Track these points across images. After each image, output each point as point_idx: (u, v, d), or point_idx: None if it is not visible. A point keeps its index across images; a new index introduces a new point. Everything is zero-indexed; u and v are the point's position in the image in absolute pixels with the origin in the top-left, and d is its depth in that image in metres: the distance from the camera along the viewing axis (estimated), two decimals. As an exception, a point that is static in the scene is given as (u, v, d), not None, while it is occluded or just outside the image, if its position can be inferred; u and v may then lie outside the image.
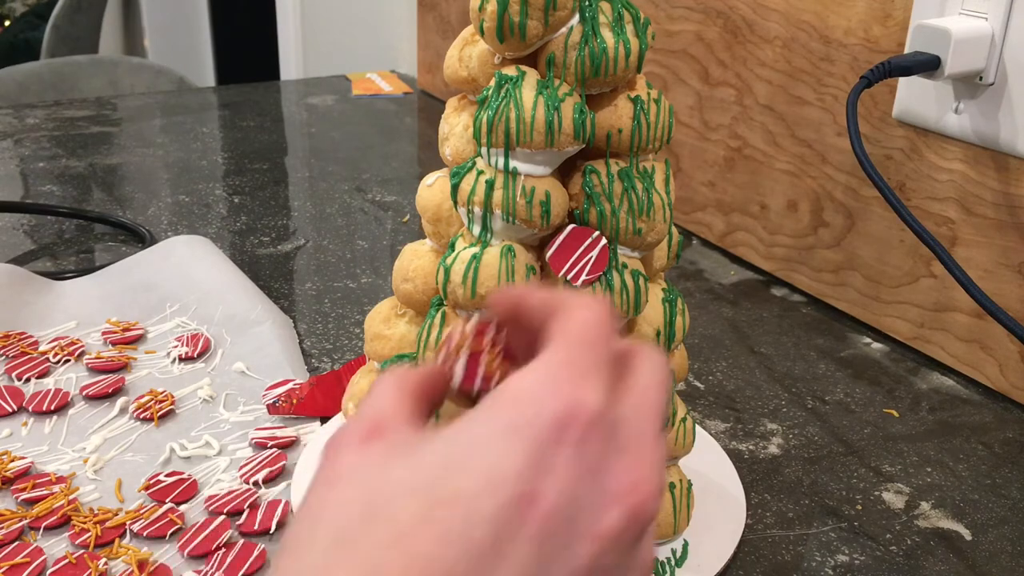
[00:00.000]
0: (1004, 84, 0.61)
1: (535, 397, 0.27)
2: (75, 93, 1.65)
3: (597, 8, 0.42)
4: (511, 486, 0.26)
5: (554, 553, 0.26)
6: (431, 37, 1.31)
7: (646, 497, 0.28)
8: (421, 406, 0.31)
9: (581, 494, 0.27)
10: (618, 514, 0.28)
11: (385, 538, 0.25)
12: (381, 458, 0.28)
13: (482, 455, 0.26)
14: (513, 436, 0.27)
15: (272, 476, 0.53)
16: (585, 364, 0.29)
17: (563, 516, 0.27)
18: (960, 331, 0.67)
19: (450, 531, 0.25)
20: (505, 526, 0.26)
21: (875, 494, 0.56)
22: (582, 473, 0.27)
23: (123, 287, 0.72)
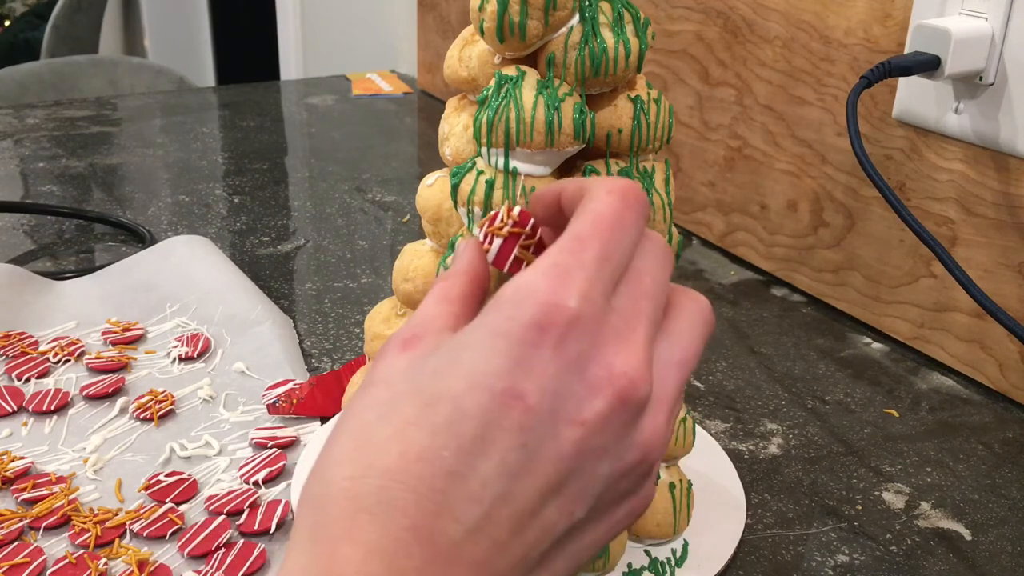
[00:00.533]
0: (1004, 84, 0.61)
1: (515, 301, 0.29)
2: (75, 93, 1.65)
3: (597, 8, 0.42)
4: (493, 384, 0.28)
5: (539, 441, 0.28)
6: (431, 37, 1.31)
7: (630, 381, 0.30)
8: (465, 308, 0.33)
9: (563, 387, 0.29)
10: (602, 400, 0.29)
11: (389, 432, 0.29)
12: (404, 366, 0.30)
13: (468, 358, 0.29)
14: (495, 339, 0.29)
15: (272, 476, 0.53)
16: (574, 263, 0.30)
17: (546, 408, 0.29)
18: (960, 331, 0.67)
19: (438, 425, 0.28)
20: (489, 418, 0.28)
21: (875, 494, 0.56)
22: (562, 369, 0.29)
23: (123, 287, 0.72)
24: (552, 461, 0.29)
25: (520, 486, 0.28)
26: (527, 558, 0.29)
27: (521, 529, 0.29)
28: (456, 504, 0.28)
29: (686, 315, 0.34)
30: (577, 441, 0.29)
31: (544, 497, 0.29)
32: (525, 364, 0.28)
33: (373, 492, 0.28)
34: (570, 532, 0.30)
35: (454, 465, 0.28)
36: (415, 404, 0.29)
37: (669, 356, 0.32)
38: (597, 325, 0.30)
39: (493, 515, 0.28)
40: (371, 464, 0.28)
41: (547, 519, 0.29)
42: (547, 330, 0.29)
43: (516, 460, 0.28)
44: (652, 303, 0.32)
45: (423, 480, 0.28)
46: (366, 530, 0.27)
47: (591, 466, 0.29)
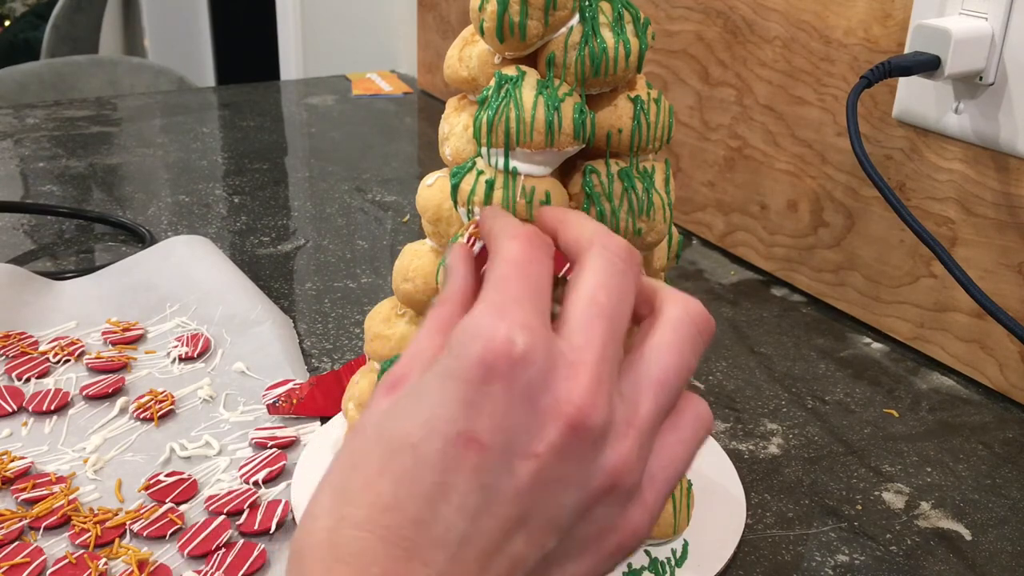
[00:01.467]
0: (1004, 84, 0.61)
1: (461, 342, 0.30)
2: (75, 93, 1.65)
3: (597, 8, 0.42)
4: (447, 429, 0.29)
5: (495, 480, 0.29)
6: (431, 37, 1.31)
7: (578, 409, 0.29)
8: None
9: (514, 423, 0.29)
10: (553, 431, 0.29)
11: (360, 483, 0.30)
12: (383, 412, 0.31)
13: (424, 405, 0.30)
14: (446, 383, 0.29)
15: (272, 476, 0.53)
16: (507, 299, 0.30)
17: (499, 446, 0.29)
18: (960, 331, 0.67)
19: (401, 475, 0.29)
20: (446, 464, 0.29)
21: (875, 494, 0.56)
22: (512, 405, 0.29)
23: (123, 287, 0.72)
24: (510, 498, 0.29)
25: (482, 526, 0.29)
26: None
27: (488, 565, 0.29)
28: (423, 550, 0.28)
29: (666, 325, 0.33)
30: (533, 474, 0.29)
31: (507, 532, 0.29)
32: (475, 405, 0.29)
33: (347, 543, 0.29)
34: (545, 564, 0.30)
35: (418, 513, 0.29)
36: (380, 454, 0.30)
37: (642, 374, 0.32)
38: (544, 354, 0.29)
39: (459, 555, 0.29)
40: (344, 516, 0.29)
41: (515, 553, 0.29)
42: (493, 368, 0.29)
43: (475, 501, 0.29)
44: (607, 320, 0.31)
45: (391, 529, 0.28)
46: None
47: (553, 497, 0.30)
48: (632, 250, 0.33)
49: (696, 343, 0.33)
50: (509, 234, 0.33)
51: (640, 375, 0.32)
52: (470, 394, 0.29)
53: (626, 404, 0.31)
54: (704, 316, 0.33)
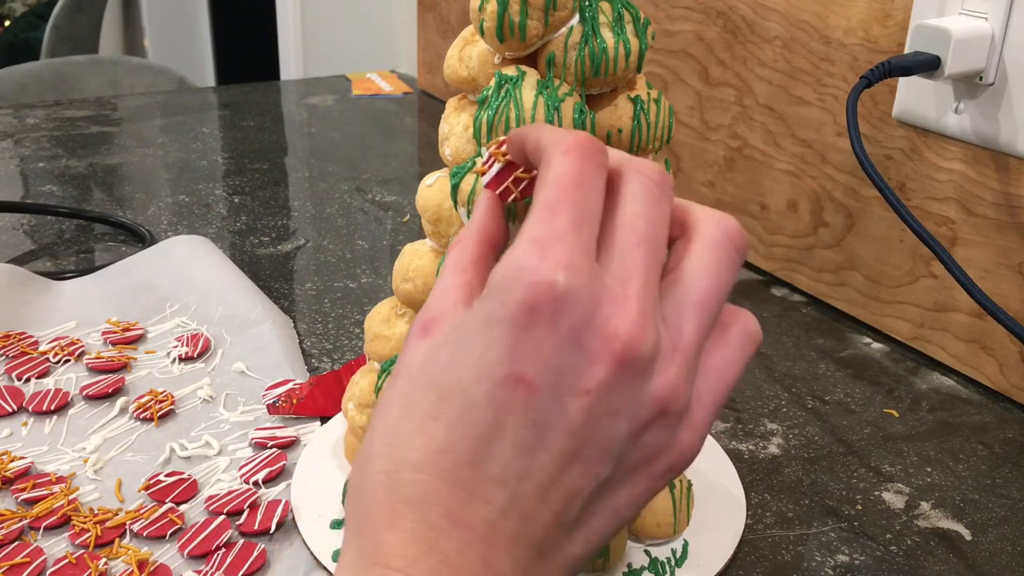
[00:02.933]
0: (1004, 84, 0.61)
1: (503, 286, 0.30)
2: (75, 93, 1.65)
3: (597, 8, 0.42)
4: (495, 372, 0.29)
5: (547, 416, 0.29)
6: (431, 37, 1.31)
7: (625, 344, 0.30)
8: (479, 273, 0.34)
9: (562, 362, 0.29)
10: (602, 367, 0.29)
11: (412, 427, 0.30)
12: (422, 356, 0.31)
13: (470, 349, 0.30)
14: (491, 326, 0.30)
15: (272, 476, 0.53)
16: (551, 234, 0.30)
17: (549, 385, 0.29)
18: (960, 331, 0.67)
19: (453, 418, 0.30)
20: (497, 405, 0.29)
21: (875, 494, 0.56)
22: (559, 345, 0.29)
23: (123, 287, 0.72)
24: (563, 433, 0.29)
25: (537, 461, 0.29)
26: (560, 523, 0.30)
27: (546, 498, 0.30)
28: (483, 488, 0.29)
29: (703, 246, 0.32)
30: (584, 410, 0.29)
31: (563, 466, 0.30)
32: (522, 347, 0.29)
33: (407, 484, 0.29)
34: (600, 492, 0.31)
35: (473, 453, 0.29)
36: (431, 398, 0.30)
37: (683, 297, 0.32)
38: (587, 292, 0.29)
39: (518, 491, 0.29)
40: (401, 458, 0.30)
41: (571, 484, 0.30)
42: (537, 310, 0.29)
43: (528, 438, 0.29)
44: (648, 247, 0.31)
45: (448, 471, 0.29)
46: (405, 519, 0.29)
47: (606, 429, 0.30)
48: (665, 174, 0.33)
49: (733, 260, 0.33)
50: (561, 147, 0.32)
51: (680, 298, 0.32)
52: (516, 337, 0.29)
53: (669, 329, 0.31)
54: (738, 232, 0.33)
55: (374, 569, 0.28)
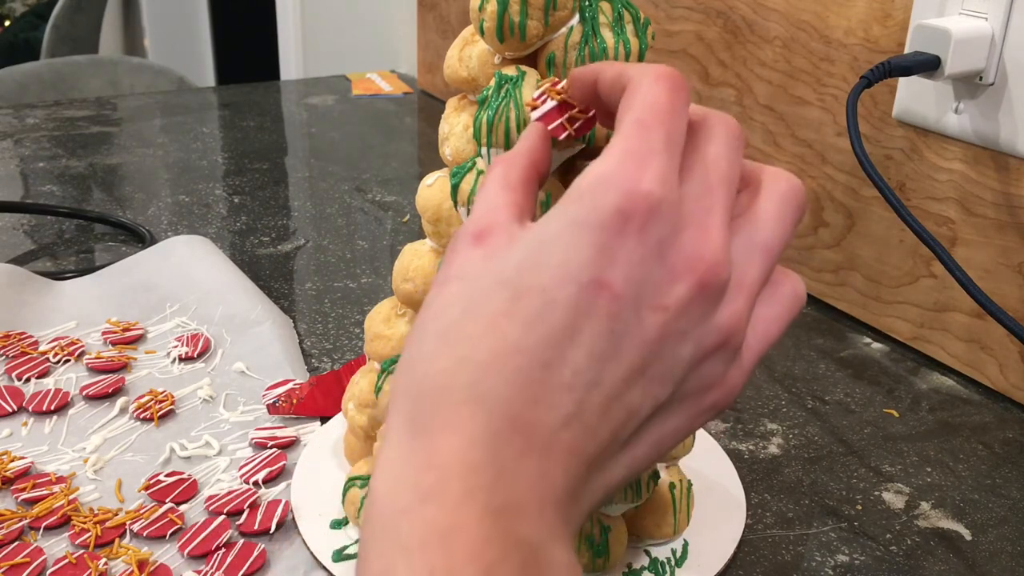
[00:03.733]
0: (1004, 84, 0.61)
1: (597, 191, 0.29)
2: (75, 93, 1.65)
3: (597, 8, 0.42)
4: (580, 276, 0.29)
5: (625, 326, 0.29)
6: (431, 37, 1.31)
7: (709, 266, 0.30)
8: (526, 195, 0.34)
9: (646, 274, 0.29)
10: (684, 285, 0.30)
11: (479, 328, 0.29)
12: (481, 261, 0.31)
13: (554, 251, 0.29)
14: (579, 230, 0.29)
15: (272, 476, 0.53)
16: (646, 148, 0.30)
17: (631, 295, 0.29)
18: (960, 331, 0.67)
19: (530, 317, 0.29)
20: (578, 309, 0.29)
21: (875, 494, 0.56)
22: (646, 256, 0.29)
23: (123, 287, 0.72)
24: (637, 346, 0.29)
25: (608, 371, 0.29)
26: (614, 441, 0.30)
27: (608, 412, 0.29)
28: (552, 393, 0.29)
29: (770, 197, 0.33)
30: (660, 326, 0.30)
31: (629, 381, 0.30)
32: (609, 253, 0.29)
33: (469, 385, 0.28)
34: (653, 416, 0.31)
35: (547, 355, 0.29)
36: (503, 297, 0.29)
37: (750, 241, 0.32)
38: (676, 211, 0.30)
39: (584, 400, 0.29)
40: (465, 357, 0.29)
41: (633, 401, 0.30)
42: (631, 218, 0.29)
43: (604, 347, 0.29)
44: (726, 187, 0.32)
45: (519, 371, 0.28)
46: (466, 422, 0.28)
47: (673, 350, 0.30)
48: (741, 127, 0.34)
49: (796, 215, 0.34)
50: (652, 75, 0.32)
51: (748, 241, 0.32)
52: (605, 242, 0.29)
53: (736, 268, 0.32)
54: (803, 191, 0.34)
55: (429, 473, 0.28)
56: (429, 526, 0.27)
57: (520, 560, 0.27)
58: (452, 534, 0.26)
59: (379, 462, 0.29)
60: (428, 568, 0.26)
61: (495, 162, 0.35)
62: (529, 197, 0.34)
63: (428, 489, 0.27)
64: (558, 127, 0.36)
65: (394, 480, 0.28)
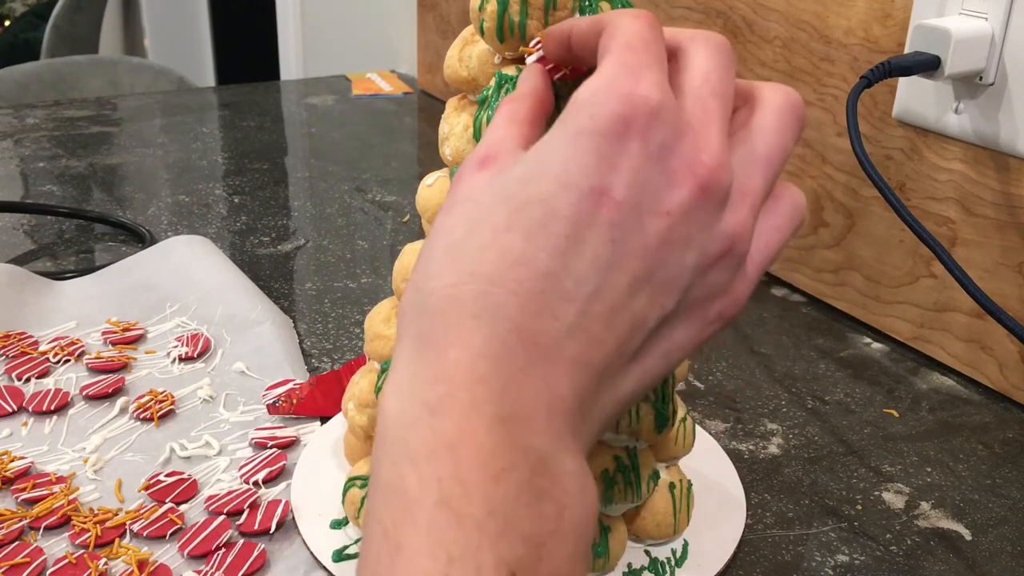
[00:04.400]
0: (1004, 84, 0.61)
1: (595, 100, 0.30)
2: (75, 93, 1.65)
3: (597, 8, 0.42)
4: (581, 183, 0.29)
5: (626, 234, 0.29)
6: (431, 37, 1.31)
7: (709, 170, 0.30)
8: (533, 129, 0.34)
9: (647, 180, 0.29)
10: (685, 190, 0.30)
11: (483, 241, 0.30)
12: (486, 182, 0.31)
13: (555, 161, 0.30)
14: (580, 139, 0.29)
15: (272, 476, 0.53)
16: (639, 62, 0.31)
17: (632, 201, 0.29)
18: (960, 331, 0.67)
19: (532, 228, 0.29)
20: (580, 218, 0.29)
21: (875, 494, 0.56)
22: (646, 162, 0.29)
23: (123, 287, 0.72)
24: (639, 253, 0.29)
25: (611, 280, 0.29)
26: (621, 352, 0.30)
27: (613, 322, 0.29)
28: (554, 303, 0.29)
29: (769, 109, 0.34)
30: (662, 232, 0.30)
31: (633, 289, 0.30)
32: (610, 159, 0.29)
33: (475, 298, 0.29)
34: (660, 326, 0.31)
35: (550, 265, 0.29)
36: (506, 211, 0.30)
37: (751, 152, 0.33)
38: (676, 115, 0.30)
39: (588, 311, 0.29)
40: (470, 272, 0.29)
41: (638, 311, 0.30)
42: (632, 122, 0.29)
43: (606, 255, 0.29)
44: (720, 99, 0.32)
45: (522, 283, 0.29)
46: (472, 335, 0.28)
47: (677, 257, 0.30)
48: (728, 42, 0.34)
49: (796, 128, 0.34)
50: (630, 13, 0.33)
51: (748, 153, 0.33)
52: (606, 148, 0.29)
53: (737, 178, 0.32)
54: (801, 103, 0.34)
55: (437, 386, 0.28)
56: (438, 437, 0.27)
57: (529, 468, 0.27)
58: (460, 443, 0.27)
59: (389, 378, 0.30)
60: (436, 477, 0.26)
61: (502, 102, 0.35)
62: (536, 131, 0.34)
63: (436, 402, 0.27)
64: (553, 68, 0.37)
65: (403, 395, 0.28)
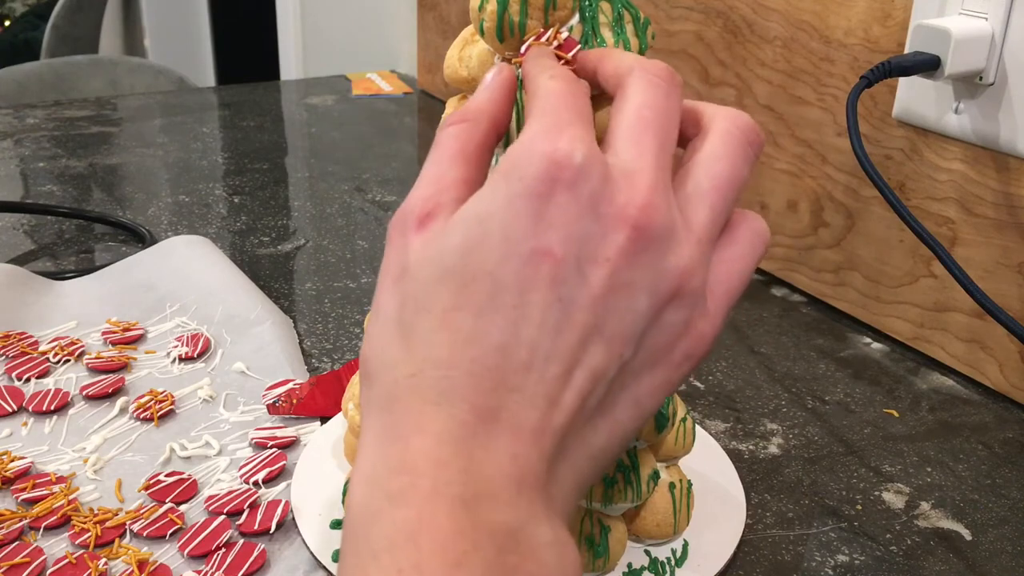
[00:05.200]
0: (1004, 84, 0.61)
1: (521, 163, 0.30)
2: (75, 93, 1.65)
3: (597, 8, 0.42)
4: (521, 248, 0.29)
5: (571, 289, 0.29)
6: (431, 37, 1.31)
7: (640, 209, 0.30)
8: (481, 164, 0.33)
9: (583, 231, 0.29)
10: (621, 235, 0.30)
11: (432, 324, 0.30)
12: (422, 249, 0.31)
13: (493, 228, 0.29)
14: (513, 202, 0.29)
15: (272, 476, 0.53)
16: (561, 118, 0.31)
17: (571, 256, 0.29)
18: (960, 331, 0.67)
19: (481, 303, 0.29)
20: (524, 284, 0.29)
21: (875, 494, 0.56)
22: (579, 214, 0.29)
23: (123, 287, 0.72)
24: (586, 306, 0.29)
25: (563, 339, 0.29)
26: (585, 408, 0.30)
27: (572, 381, 0.29)
28: (510, 376, 0.29)
29: (716, 136, 0.33)
30: (606, 279, 0.29)
31: (586, 343, 0.29)
32: (545, 218, 0.29)
33: (433, 384, 0.29)
34: (623, 376, 0.31)
35: (501, 339, 0.29)
36: (450, 288, 0.30)
37: (696, 183, 0.32)
38: (601, 164, 0.30)
39: (544, 375, 0.29)
40: (425, 357, 0.29)
41: (596, 365, 0.30)
42: (558, 179, 0.29)
43: (555, 315, 0.29)
44: (654, 134, 0.32)
45: (476, 361, 0.29)
46: (432, 420, 0.28)
47: (626, 303, 0.30)
48: (673, 71, 0.33)
49: (747, 152, 0.34)
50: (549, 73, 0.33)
51: (694, 186, 0.32)
52: (538, 209, 0.29)
53: (683, 214, 0.31)
54: (752, 127, 0.34)
55: (400, 476, 0.28)
56: (398, 527, 0.27)
57: (495, 547, 0.27)
58: (420, 531, 0.26)
59: (355, 470, 0.30)
60: (397, 568, 0.26)
61: (455, 118, 0.34)
62: (483, 168, 0.34)
63: (398, 491, 0.27)
64: None
65: (367, 487, 0.28)
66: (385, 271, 0.32)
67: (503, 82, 0.36)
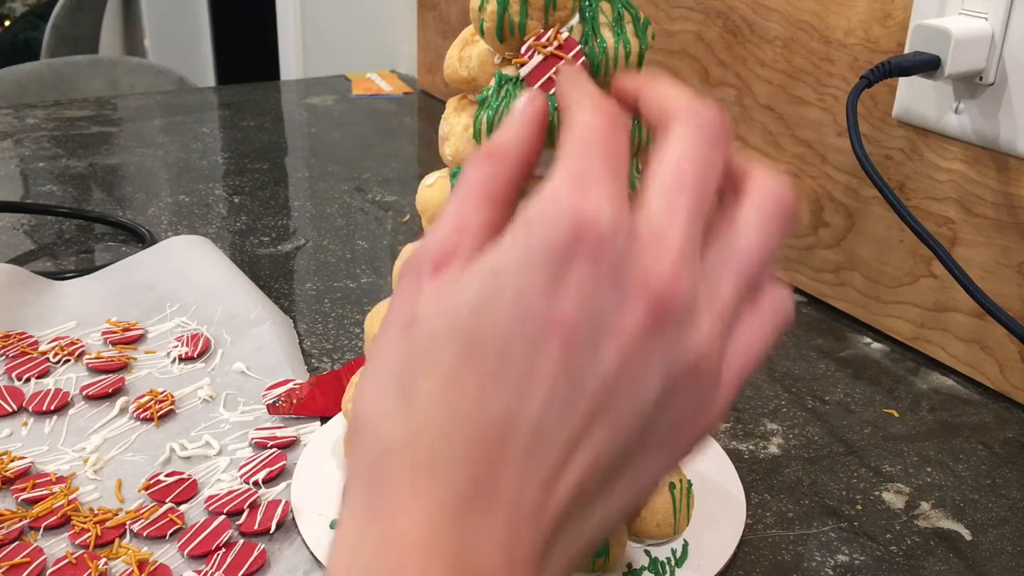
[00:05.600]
0: (1004, 84, 0.61)
1: (543, 218, 0.28)
2: (75, 93, 1.65)
3: (597, 8, 0.42)
4: (535, 313, 0.27)
5: (582, 363, 0.27)
6: (431, 37, 1.31)
7: (662, 286, 0.28)
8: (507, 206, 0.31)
9: (600, 304, 0.27)
10: (639, 311, 0.27)
11: (435, 385, 0.27)
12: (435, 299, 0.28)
13: (504, 289, 0.27)
14: (530, 261, 0.27)
15: (272, 476, 0.53)
16: (593, 168, 0.28)
17: (586, 326, 0.27)
18: (960, 331, 0.67)
19: (488, 370, 0.27)
20: (535, 352, 0.27)
21: (875, 494, 0.56)
22: (599, 284, 0.27)
23: (123, 287, 0.72)
24: (596, 384, 0.27)
25: (568, 417, 0.27)
26: (584, 490, 0.28)
27: (573, 456, 0.27)
28: (510, 446, 0.27)
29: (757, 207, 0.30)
30: (619, 355, 0.27)
31: (592, 419, 0.27)
32: (562, 283, 0.27)
33: (429, 450, 0.27)
34: (624, 459, 0.29)
35: (506, 408, 0.27)
36: (457, 347, 0.27)
37: (727, 256, 0.30)
38: (628, 230, 0.28)
39: (545, 447, 0.27)
40: (423, 424, 0.27)
41: (598, 442, 0.28)
42: (580, 241, 0.27)
43: (562, 391, 0.27)
44: (691, 192, 0.29)
45: (477, 430, 0.27)
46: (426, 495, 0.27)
47: (637, 383, 0.28)
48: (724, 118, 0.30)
49: (783, 229, 0.31)
50: (590, 106, 0.30)
51: (724, 256, 0.30)
52: (556, 272, 0.27)
53: (707, 283, 0.29)
54: (791, 197, 0.31)
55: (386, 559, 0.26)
56: None
57: None
58: None
59: (336, 537, 0.28)
60: None
61: (483, 153, 0.32)
62: (508, 209, 0.31)
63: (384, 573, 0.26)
64: (547, 82, 0.36)
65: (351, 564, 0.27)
66: (392, 315, 0.30)
67: (534, 115, 0.33)
